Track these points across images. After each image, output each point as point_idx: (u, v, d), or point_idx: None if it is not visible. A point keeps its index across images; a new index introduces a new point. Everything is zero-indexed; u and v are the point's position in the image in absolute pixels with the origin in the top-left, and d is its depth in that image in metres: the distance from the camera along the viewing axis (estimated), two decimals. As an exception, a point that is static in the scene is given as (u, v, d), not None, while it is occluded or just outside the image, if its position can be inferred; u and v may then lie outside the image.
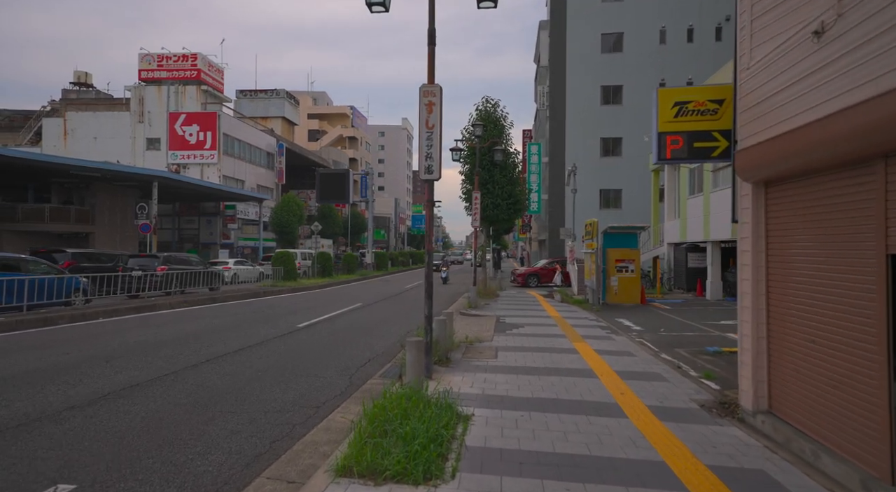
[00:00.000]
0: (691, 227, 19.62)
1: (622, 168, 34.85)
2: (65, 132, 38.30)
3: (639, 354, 8.64)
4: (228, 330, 11.04)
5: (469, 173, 20.22)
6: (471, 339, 9.81)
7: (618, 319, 13.31)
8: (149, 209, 25.22)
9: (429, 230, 6.71)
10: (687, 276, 20.30)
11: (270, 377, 7.00)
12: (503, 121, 20.51)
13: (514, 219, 21.45)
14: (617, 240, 17.00)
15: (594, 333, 11.07)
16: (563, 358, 8.24)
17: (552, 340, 10.03)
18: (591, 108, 35.29)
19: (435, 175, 6.57)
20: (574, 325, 12.24)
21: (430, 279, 6.70)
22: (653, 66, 34.41)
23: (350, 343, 9.90)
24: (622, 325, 12.39)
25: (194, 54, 38.29)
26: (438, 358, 7.57)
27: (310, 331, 11.24)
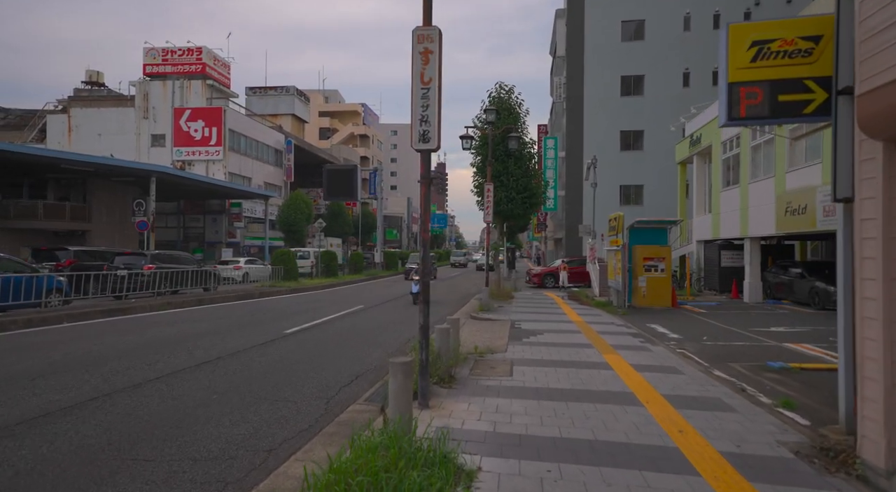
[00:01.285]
0: (725, 222, 17.88)
1: (644, 162, 33.05)
2: (69, 129, 37.55)
3: (686, 371, 7.06)
4: (203, 337, 9.67)
5: (481, 165, 18.70)
6: (481, 350, 8.30)
7: (649, 325, 11.70)
8: (146, 206, 24.11)
9: (424, 214, 5.23)
10: (720, 276, 18.55)
11: (226, 402, 5.57)
12: (518, 108, 18.95)
13: (529, 214, 19.87)
14: (645, 236, 15.36)
15: (625, 341, 9.49)
16: (595, 376, 6.70)
17: (577, 350, 8.48)
18: (611, 100, 33.54)
19: (432, 144, 5.08)
20: (600, 332, 10.66)
21: (427, 279, 5.22)
22: (676, 55, 32.59)
23: (339, 354, 8.46)
24: (656, 331, 10.78)
25: (199, 48, 37.31)
26: (439, 377, 6.09)
27: (296, 339, 9.82)
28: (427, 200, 5.23)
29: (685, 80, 32.68)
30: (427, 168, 5.23)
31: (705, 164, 20.96)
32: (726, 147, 17.87)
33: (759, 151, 15.53)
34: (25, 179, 24.89)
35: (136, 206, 24.16)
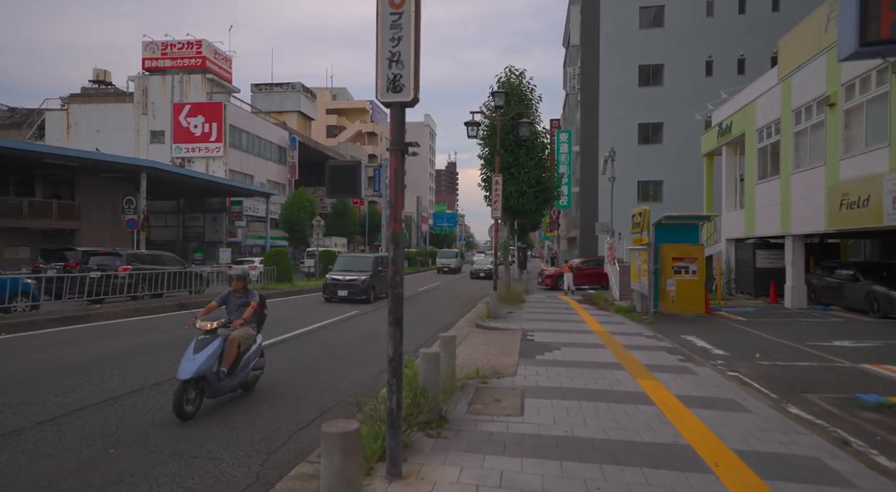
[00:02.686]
0: (761, 218, 16.07)
1: (663, 157, 31.17)
2: (67, 126, 36.58)
3: (753, 407, 5.39)
4: (149, 355, 8.15)
5: (489, 156, 17.07)
6: (485, 373, 6.69)
7: (684, 337, 9.99)
8: (136, 203, 22.81)
9: (395, 196, 3.64)
10: (755, 278, 16.73)
11: (125, 459, 4.02)
12: (530, 95, 17.27)
13: (542, 210, 18.15)
14: (673, 233, 13.63)
15: (661, 359, 7.81)
16: (633, 415, 5.06)
17: (604, 373, 6.83)
18: (628, 91, 31.69)
19: (405, 94, 3.50)
20: (628, 346, 8.98)
21: (395, 293, 3.63)
22: (698, 42, 30.67)
23: (309, 377, 6.89)
24: (694, 346, 9.08)
25: (199, 41, 36.09)
26: (424, 421, 4.49)
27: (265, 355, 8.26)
28: (398, 177, 3.63)
29: (708, 68, 30.74)
30: (399, 130, 3.63)
31: (736, 155, 19.13)
32: (763, 134, 16.05)
33: (804, 137, 13.73)
34: (12, 176, 23.73)
35: (125, 203, 22.86)
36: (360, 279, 16.36)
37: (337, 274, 16.78)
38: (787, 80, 14.41)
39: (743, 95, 17.83)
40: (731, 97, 18.80)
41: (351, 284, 16.25)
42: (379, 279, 17.11)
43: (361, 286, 16.24)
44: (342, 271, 16.97)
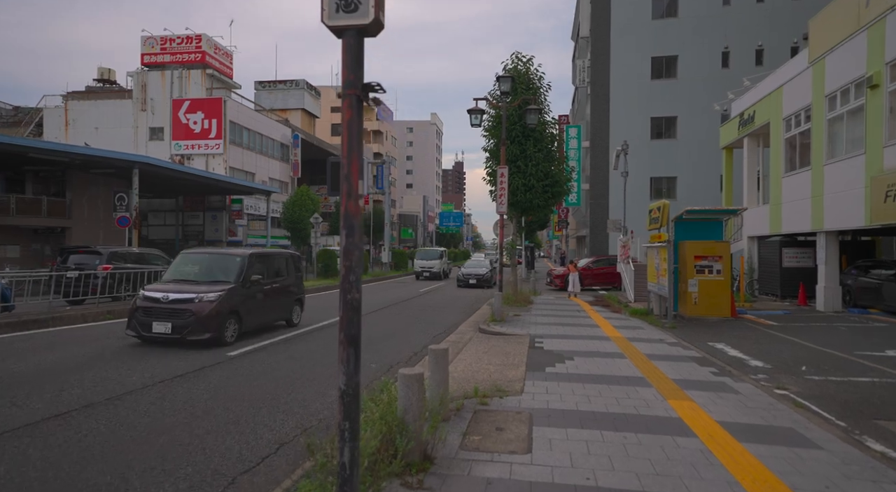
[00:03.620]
0: (789, 214, 14.87)
1: (677, 152, 29.95)
2: (66, 122, 35.89)
3: (820, 440, 4.29)
4: (93, 368, 7.16)
5: (494, 149, 15.98)
6: (485, 390, 5.63)
7: (712, 344, 8.87)
8: (129, 200, 21.93)
9: (349, 163, 2.59)
10: (781, 278, 15.53)
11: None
12: (538, 82, 16.17)
13: (551, 206, 17.02)
14: (695, 230, 12.48)
15: (691, 373, 6.71)
16: (671, 452, 3.98)
17: (628, 392, 5.75)
18: (640, 84, 30.48)
19: (363, 14, 2.45)
20: (651, 355, 7.88)
21: (347, 298, 2.58)
22: (714, 32, 29.41)
23: (275, 398, 5.85)
24: (726, 355, 7.97)
25: (198, 36, 35.27)
26: (405, 463, 3.44)
27: (232, 367, 7.24)
28: (353, 132, 2.58)
29: (724, 60, 29.46)
30: (353, 68, 2.57)
31: (758, 147, 17.94)
32: (790, 123, 14.86)
33: (839, 124, 12.53)
34: (1, 173, 22.94)
35: (117, 200, 21.98)
36: None
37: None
38: (819, 62, 13.21)
39: (767, 83, 16.63)
40: (753, 85, 17.60)
41: None
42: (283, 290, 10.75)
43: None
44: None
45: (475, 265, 24.91)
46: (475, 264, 25.29)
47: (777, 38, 28.16)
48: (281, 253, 11.43)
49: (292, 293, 10.92)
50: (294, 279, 11.21)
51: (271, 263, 10.42)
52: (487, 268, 24.38)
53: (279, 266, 10.73)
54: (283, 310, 10.65)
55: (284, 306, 10.67)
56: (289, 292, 10.80)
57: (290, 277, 11.03)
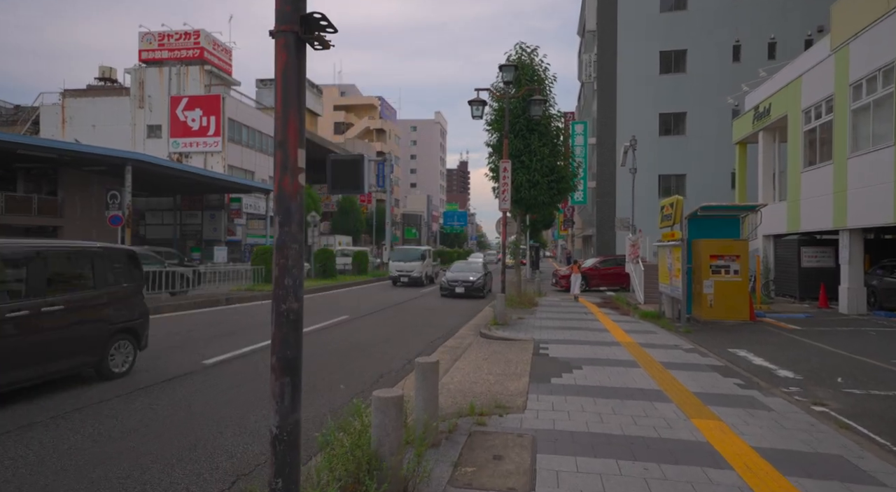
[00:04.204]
0: (808, 211, 14.10)
1: (686, 149, 29.13)
2: (63, 120, 35.45)
3: (878, 471, 3.57)
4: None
5: (497, 143, 15.27)
6: (483, 406, 4.92)
7: (733, 351, 8.14)
8: (121, 198, 21.34)
9: (284, 121, 1.91)
10: (800, 279, 14.75)
11: None
12: (543, 74, 15.44)
13: (556, 203, 16.28)
14: (710, 227, 11.73)
15: (714, 385, 5.99)
16: (701, 488, 3.27)
17: (645, 407, 5.04)
18: (648, 79, 29.67)
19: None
20: (667, 364, 7.16)
21: (281, 309, 1.89)
22: (725, 25, 28.57)
23: (242, 416, 5.17)
24: (749, 363, 7.24)
25: (196, 31, 34.72)
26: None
27: (205, 377, 6.58)
28: (290, 82, 1.90)
29: (735, 53, 28.61)
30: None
31: (774, 142, 17.14)
32: (810, 115, 14.08)
33: (864, 115, 11.75)
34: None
35: (109, 198, 21.40)
36: None
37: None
38: (842, 49, 12.43)
39: (784, 73, 15.85)
40: (769, 76, 16.81)
41: None
42: None
43: None
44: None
45: (464, 269, 19.41)
46: (464, 268, 19.69)
47: (790, 30, 27.32)
48: (80, 249, 6.25)
49: (108, 320, 6.19)
50: (119, 292, 6.44)
51: (43, 264, 5.66)
52: (479, 273, 18.55)
53: (77, 271, 6.11)
54: (82, 349, 5.87)
55: (83, 343, 5.87)
56: (99, 318, 6.09)
57: (107, 288, 6.26)
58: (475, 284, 17.95)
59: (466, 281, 18.00)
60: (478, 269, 19.53)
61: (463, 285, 17.92)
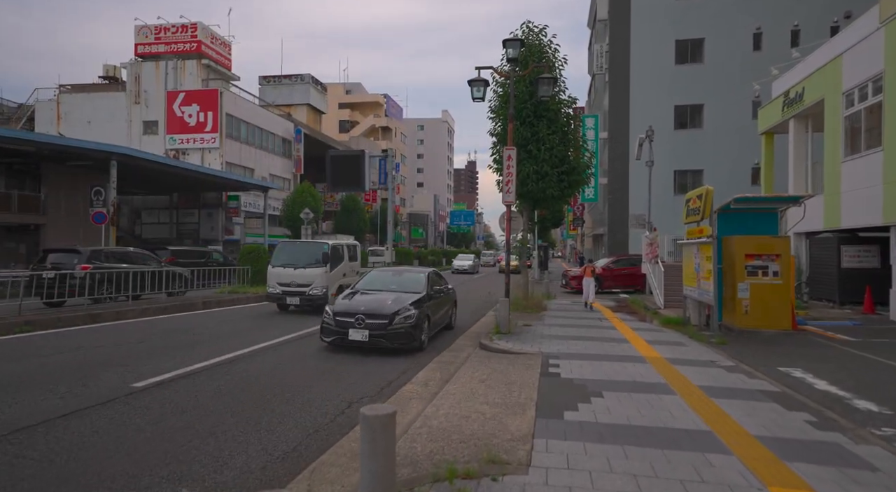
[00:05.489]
0: (850, 205, 12.59)
1: (703, 143, 27.57)
2: (58, 116, 34.49)
3: None
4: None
5: (502, 131, 13.87)
6: (467, 467, 3.54)
7: (785, 370, 6.70)
8: (106, 195, 20.24)
9: None
10: (840, 281, 13.22)
11: None
12: (552, 56, 14.02)
13: (567, 197, 14.80)
14: (743, 222, 10.27)
15: (781, 423, 4.57)
16: None
17: (698, 465, 3.63)
18: (663, 69, 28.14)
19: None
20: (707, 388, 5.74)
21: None
22: (744, 12, 26.99)
23: (138, 471, 3.82)
24: (812, 390, 5.80)
25: (194, 24, 33.63)
26: None
27: (117, 411, 5.26)
28: None
29: (756, 41, 27.01)
30: None
31: (807, 130, 15.61)
32: (852, 98, 12.55)
33: (923, 93, 10.24)
34: (-26, 165, 21.37)
35: (94, 195, 20.30)
36: None
37: None
38: (894, 21, 10.92)
39: (820, 54, 14.32)
40: (804, 56, 15.28)
41: None
42: None
43: None
44: None
45: (380, 287, 9.62)
46: (382, 283, 9.84)
47: (815, 16, 25.66)
48: None
49: None
50: None
51: None
52: (407, 300, 8.72)
53: None
54: None
55: None
56: None
57: None
58: (395, 324, 8.09)
59: (379, 315, 8.15)
60: (411, 287, 9.42)
61: (374, 322, 8.05)
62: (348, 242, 14.67)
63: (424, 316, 8.64)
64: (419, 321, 8.36)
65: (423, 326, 8.52)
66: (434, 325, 9.46)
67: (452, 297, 11.31)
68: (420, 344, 8.40)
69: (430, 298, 9.30)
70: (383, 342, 7.99)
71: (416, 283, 9.65)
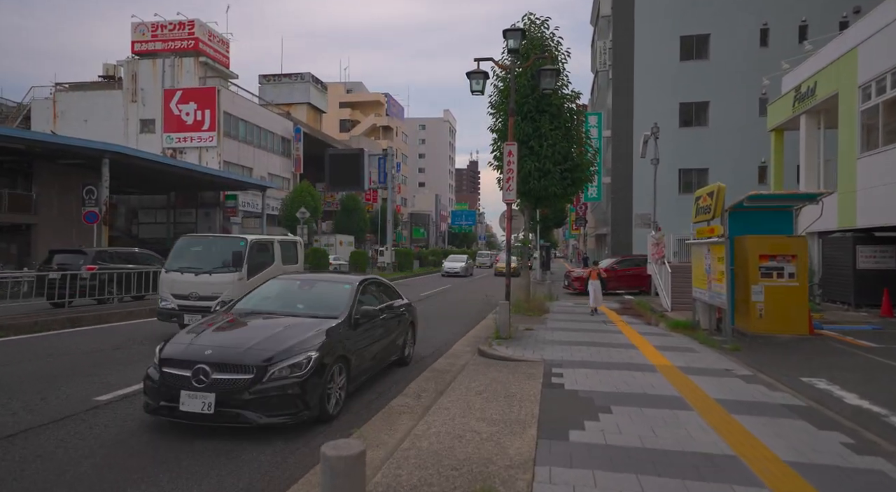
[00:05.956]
0: (866, 203, 12.06)
1: (709, 141, 27.02)
2: (54, 115, 34.09)
3: None
4: None
5: (503, 128, 13.36)
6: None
7: (808, 381, 6.17)
8: (98, 194, 19.79)
9: None
10: (855, 282, 12.68)
11: None
12: (555, 50, 13.51)
13: (570, 195, 14.25)
14: (756, 221, 9.75)
15: (813, 445, 4.06)
16: None
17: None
18: (668, 66, 27.59)
19: None
20: (725, 402, 5.23)
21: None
22: (751, 8, 26.45)
23: None
24: (843, 405, 5.28)
25: (191, 21, 33.20)
26: None
27: (57, 434, 4.76)
28: None
29: (763, 37, 26.46)
30: None
31: (819, 127, 15.06)
32: (869, 91, 12.02)
33: (946, 85, 9.71)
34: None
35: (85, 194, 19.86)
36: None
37: None
38: (914, 9, 10.40)
39: (834, 46, 13.79)
40: (816, 48, 14.74)
41: None
42: None
43: None
44: None
45: (278, 300, 6.35)
46: (285, 296, 6.46)
47: (824, 10, 25.10)
48: None
49: None
50: None
51: None
52: (319, 327, 5.34)
53: None
54: None
55: None
56: None
57: None
58: (269, 381, 4.55)
59: (231, 371, 4.53)
60: (324, 307, 6.07)
61: (211, 391, 4.42)
62: (283, 237, 11.66)
63: (336, 360, 5.15)
64: (319, 370, 4.82)
65: (327, 379, 4.95)
66: (363, 369, 5.93)
67: (407, 318, 7.65)
68: (319, 413, 4.81)
69: (355, 325, 5.79)
70: (245, 416, 4.37)
71: (334, 300, 6.06)
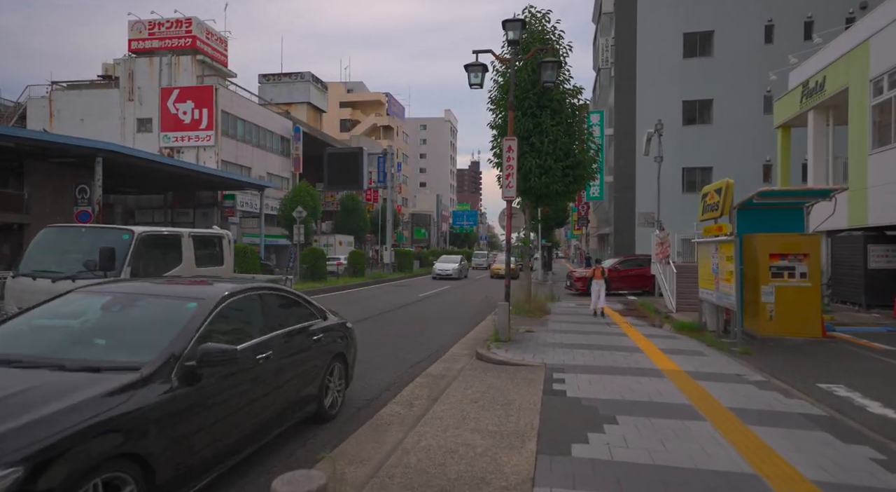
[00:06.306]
0: (878, 201, 11.67)
1: (713, 139, 26.65)
2: (50, 114, 33.79)
3: None
4: None
5: (502, 123, 12.99)
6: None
7: (826, 387, 5.79)
8: (91, 193, 19.46)
9: None
10: (866, 283, 12.28)
11: None
12: (556, 43, 13.13)
13: (572, 193, 13.85)
14: (765, 219, 9.39)
15: (839, 461, 3.68)
16: None
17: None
18: (671, 63, 27.23)
19: None
20: (739, 411, 4.85)
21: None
22: (755, 4, 26.10)
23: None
24: (867, 414, 4.91)
25: (188, 19, 32.90)
26: None
27: None
28: None
29: (767, 34, 26.08)
30: None
31: (827, 123, 14.68)
32: (881, 85, 11.64)
33: (964, 77, 9.33)
34: (-43, 162, 20.64)
35: (78, 193, 19.55)
36: None
37: None
38: (930, -2, 10.01)
39: (844, 39, 13.40)
40: (826, 41, 14.36)
41: None
42: None
43: None
44: None
45: (55, 334, 3.56)
46: (69, 325, 3.64)
47: (829, 6, 24.71)
48: None
49: None
50: None
51: None
52: (105, 385, 2.64)
53: None
54: None
55: None
56: None
57: None
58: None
59: None
60: (139, 344, 3.29)
61: None
62: (201, 230, 9.53)
63: (97, 471, 2.41)
64: None
65: None
66: (207, 459, 3.19)
67: (329, 348, 4.93)
68: None
69: (189, 379, 3.11)
70: None
71: (152, 332, 3.44)
